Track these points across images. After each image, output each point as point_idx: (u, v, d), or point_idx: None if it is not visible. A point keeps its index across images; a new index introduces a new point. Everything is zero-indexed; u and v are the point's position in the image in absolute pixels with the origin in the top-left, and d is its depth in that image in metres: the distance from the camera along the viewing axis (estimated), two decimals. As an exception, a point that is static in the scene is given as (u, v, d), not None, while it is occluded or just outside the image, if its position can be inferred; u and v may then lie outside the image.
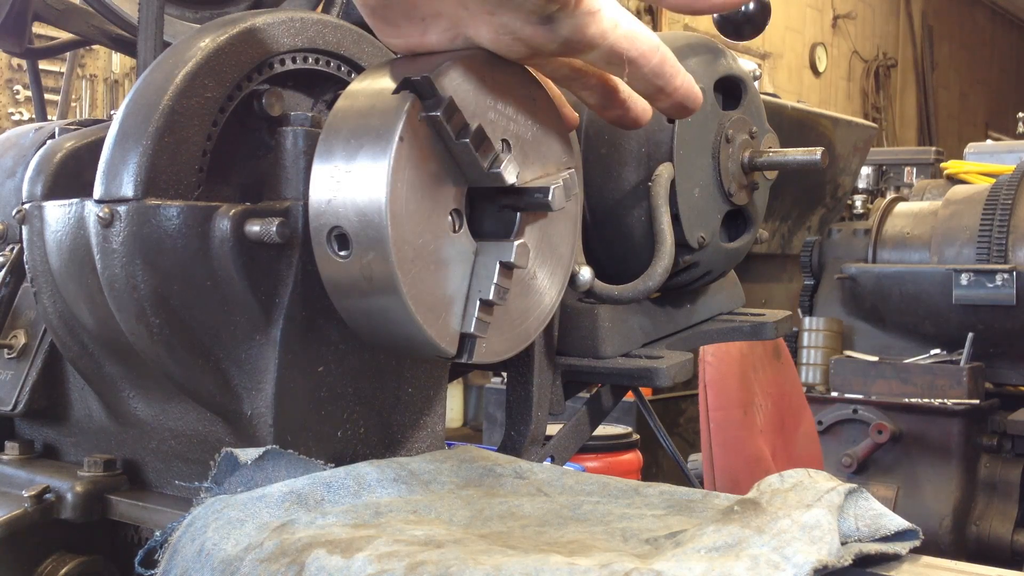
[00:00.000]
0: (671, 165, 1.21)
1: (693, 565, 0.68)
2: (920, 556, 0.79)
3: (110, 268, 0.90)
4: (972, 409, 3.77)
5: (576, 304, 1.22)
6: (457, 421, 7.30)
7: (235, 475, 0.89)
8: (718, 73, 1.29)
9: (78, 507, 1.00)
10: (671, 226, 1.20)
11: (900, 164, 6.39)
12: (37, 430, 1.16)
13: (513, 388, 1.19)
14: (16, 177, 1.24)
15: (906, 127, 15.52)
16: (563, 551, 0.75)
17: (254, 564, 0.77)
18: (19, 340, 1.16)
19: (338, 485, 0.88)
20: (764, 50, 12.52)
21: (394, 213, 0.79)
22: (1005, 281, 3.68)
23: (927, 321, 3.97)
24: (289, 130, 0.93)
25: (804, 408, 3.23)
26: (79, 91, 6.38)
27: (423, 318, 0.83)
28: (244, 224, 0.89)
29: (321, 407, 0.96)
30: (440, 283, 0.84)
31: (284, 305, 0.92)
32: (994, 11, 18.34)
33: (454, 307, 0.85)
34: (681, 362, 1.21)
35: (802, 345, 4.25)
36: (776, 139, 1.35)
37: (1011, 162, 4.90)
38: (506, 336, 0.91)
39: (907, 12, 15.74)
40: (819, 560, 0.68)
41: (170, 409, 1.00)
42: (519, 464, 0.99)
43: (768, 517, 0.75)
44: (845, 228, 4.43)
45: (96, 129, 1.11)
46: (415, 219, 0.82)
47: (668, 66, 0.89)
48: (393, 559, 0.72)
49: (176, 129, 0.90)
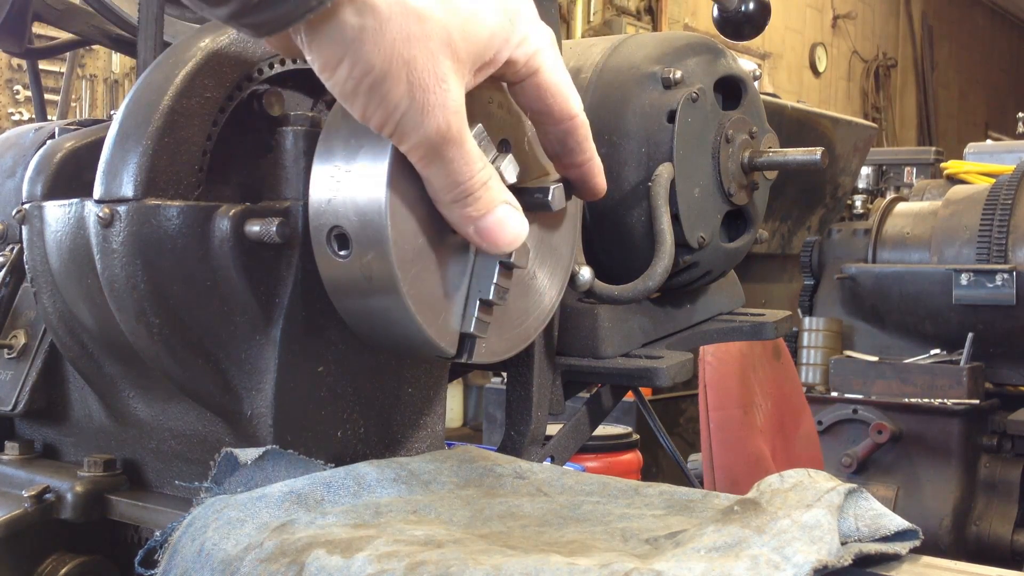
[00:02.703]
0: (671, 165, 1.21)
1: (693, 565, 0.68)
2: (920, 556, 0.79)
3: (110, 268, 0.90)
4: (972, 409, 3.77)
5: (576, 304, 1.22)
6: (457, 421, 7.30)
7: (235, 475, 0.89)
8: (718, 73, 1.29)
9: (78, 507, 1.00)
10: (671, 226, 1.20)
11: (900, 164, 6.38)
12: (37, 430, 1.16)
13: (513, 388, 1.19)
14: (16, 177, 1.23)
15: (906, 127, 15.52)
16: (563, 551, 0.75)
17: (254, 564, 0.77)
18: (19, 340, 1.16)
19: (338, 485, 0.88)
20: (764, 50, 12.52)
21: (394, 212, 0.79)
22: (1005, 281, 3.68)
23: (927, 321, 3.96)
24: (289, 130, 0.93)
25: (804, 408, 3.22)
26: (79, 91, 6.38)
27: (423, 318, 0.83)
28: (244, 224, 0.89)
29: (321, 407, 0.96)
30: (440, 283, 0.84)
31: (284, 305, 0.92)
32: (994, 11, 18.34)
33: (454, 307, 0.85)
34: (681, 362, 1.21)
35: (802, 345, 4.25)
36: (776, 139, 1.35)
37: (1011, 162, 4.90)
38: (506, 336, 0.91)
39: (907, 12, 15.73)
40: (819, 560, 0.68)
41: (170, 409, 1.00)
42: (519, 464, 0.99)
43: (768, 517, 0.75)
44: (845, 228, 4.43)
45: (96, 129, 1.11)
46: (415, 219, 0.82)
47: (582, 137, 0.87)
48: (393, 559, 0.72)
49: (176, 129, 0.90)
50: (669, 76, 1.23)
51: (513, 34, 0.79)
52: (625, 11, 10.26)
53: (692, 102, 1.22)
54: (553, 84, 0.83)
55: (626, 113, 1.23)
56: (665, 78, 1.23)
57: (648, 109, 1.23)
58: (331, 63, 0.72)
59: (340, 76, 0.72)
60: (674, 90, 1.23)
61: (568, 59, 1.30)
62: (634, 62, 1.26)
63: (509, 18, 0.79)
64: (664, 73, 1.23)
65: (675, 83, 1.23)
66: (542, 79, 0.83)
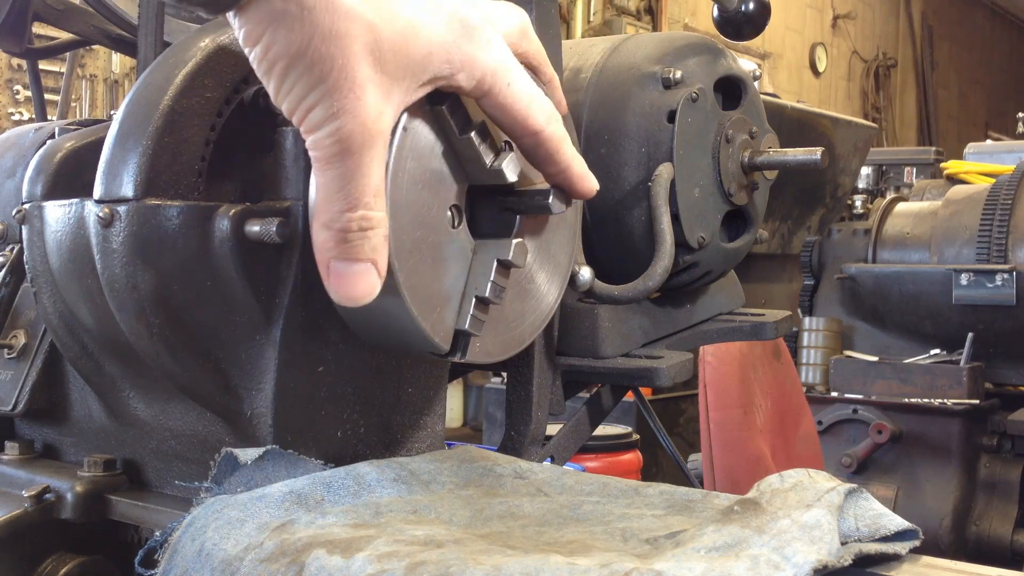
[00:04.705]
0: (671, 165, 1.21)
1: (693, 565, 0.68)
2: (920, 556, 0.79)
3: (110, 268, 0.90)
4: (972, 409, 3.77)
5: (576, 304, 1.22)
6: (457, 421, 7.30)
7: (235, 475, 0.89)
8: (718, 73, 1.29)
9: (78, 507, 1.00)
10: (671, 226, 1.20)
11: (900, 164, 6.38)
12: (37, 430, 1.16)
13: (513, 388, 1.19)
14: (16, 177, 1.23)
15: (906, 127, 15.52)
16: (563, 551, 0.75)
17: (254, 564, 0.77)
18: (19, 340, 1.16)
19: (338, 485, 0.88)
20: (764, 50, 12.52)
21: (394, 201, 0.79)
22: (1005, 281, 3.68)
23: (927, 321, 3.97)
24: (289, 130, 0.93)
25: (804, 408, 3.22)
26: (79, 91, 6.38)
27: (418, 311, 0.82)
28: (244, 224, 0.89)
29: (321, 407, 0.96)
30: (437, 277, 0.84)
31: (284, 305, 0.92)
32: (994, 11, 18.34)
33: (450, 303, 0.85)
34: (681, 362, 1.21)
35: (802, 345, 4.25)
36: (776, 139, 1.35)
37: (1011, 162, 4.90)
38: (502, 338, 0.91)
39: (907, 12, 15.74)
40: (819, 560, 0.68)
41: (170, 409, 1.00)
42: (519, 464, 0.99)
43: (768, 517, 0.75)
44: (845, 228, 4.43)
45: (96, 129, 1.11)
46: (414, 211, 0.81)
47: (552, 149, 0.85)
48: (393, 559, 0.72)
49: (176, 129, 0.90)
50: (669, 76, 1.23)
51: (456, 55, 0.77)
52: (625, 11, 10.26)
53: (692, 102, 1.22)
54: (508, 104, 0.81)
55: (626, 113, 1.23)
56: (665, 78, 1.23)
57: (648, 109, 1.23)
58: (251, 38, 0.72)
59: (257, 53, 0.72)
60: (674, 90, 1.23)
61: (568, 59, 1.30)
62: (634, 62, 1.26)
63: (460, 33, 0.77)
64: (664, 73, 1.23)
65: (675, 83, 1.23)
66: (496, 100, 0.80)
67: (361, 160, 0.74)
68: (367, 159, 0.74)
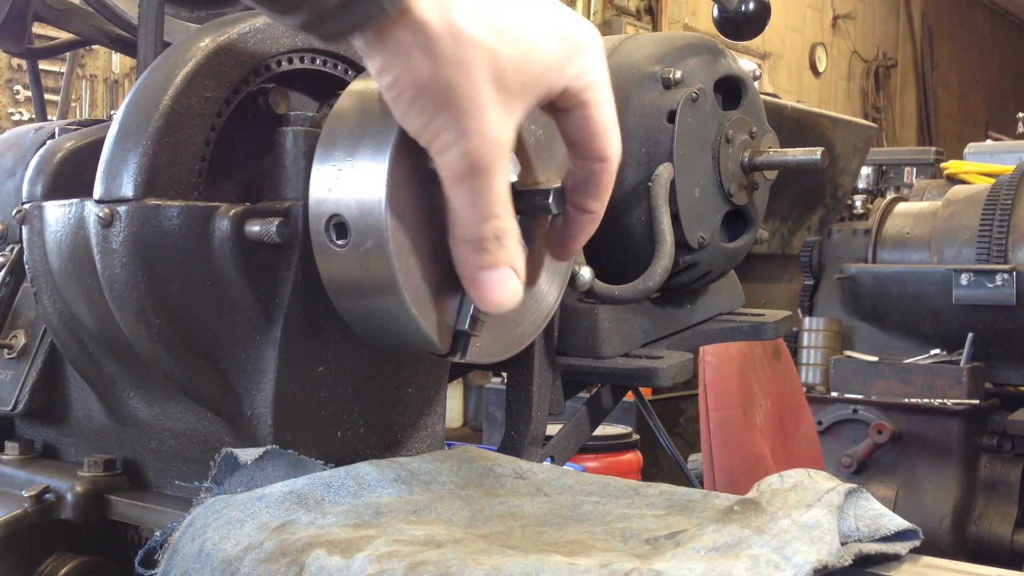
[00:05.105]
0: (671, 165, 1.21)
1: (693, 565, 0.68)
2: (920, 556, 0.79)
3: (110, 268, 0.90)
4: (972, 409, 3.77)
5: (576, 304, 1.22)
6: (457, 421, 7.30)
7: (235, 475, 0.89)
8: (718, 73, 1.29)
9: (78, 507, 1.00)
10: (671, 226, 1.20)
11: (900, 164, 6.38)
12: (37, 430, 1.16)
13: (513, 388, 1.19)
14: (16, 177, 1.23)
15: (906, 127, 15.52)
16: (563, 551, 0.75)
17: (254, 564, 0.77)
18: (19, 340, 1.16)
19: (338, 485, 0.88)
20: (764, 50, 12.52)
21: (394, 202, 0.80)
22: (1005, 281, 3.68)
23: (927, 321, 3.96)
24: (289, 130, 0.93)
25: (804, 408, 3.22)
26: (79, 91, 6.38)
27: (418, 311, 0.82)
28: (244, 224, 0.89)
29: (321, 407, 0.96)
30: (437, 277, 0.84)
31: (284, 305, 0.92)
32: (994, 11, 18.34)
33: (450, 303, 0.85)
34: (681, 362, 1.21)
35: (802, 345, 4.25)
36: (776, 139, 1.35)
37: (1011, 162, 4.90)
38: (501, 339, 0.91)
39: (907, 12, 15.73)
40: (819, 560, 0.68)
41: (170, 409, 1.00)
42: (519, 464, 0.99)
43: (768, 517, 0.75)
44: (845, 228, 4.43)
45: (96, 129, 1.11)
46: (414, 211, 0.82)
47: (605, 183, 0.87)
48: (393, 559, 0.72)
49: (176, 129, 0.90)
50: (669, 76, 1.23)
51: (571, 65, 0.80)
52: (625, 11, 10.26)
53: (692, 102, 1.22)
54: (598, 122, 0.84)
55: (626, 113, 1.23)
56: (665, 78, 1.23)
57: (648, 109, 1.23)
58: (382, 70, 0.76)
59: (386, 83, 0.76)
60: (674, 90, 1.23)
61: (568, 59, 1.30)
62: (634, 62, 1.26)
63: (570, 49, 0.80)
64: (664, 73, 1.23)
65: (675, 83, 1.23)
66: (589, 113, 0.83)
67: (489, 175, 0.77)
68: (494, 174, 0.77)
